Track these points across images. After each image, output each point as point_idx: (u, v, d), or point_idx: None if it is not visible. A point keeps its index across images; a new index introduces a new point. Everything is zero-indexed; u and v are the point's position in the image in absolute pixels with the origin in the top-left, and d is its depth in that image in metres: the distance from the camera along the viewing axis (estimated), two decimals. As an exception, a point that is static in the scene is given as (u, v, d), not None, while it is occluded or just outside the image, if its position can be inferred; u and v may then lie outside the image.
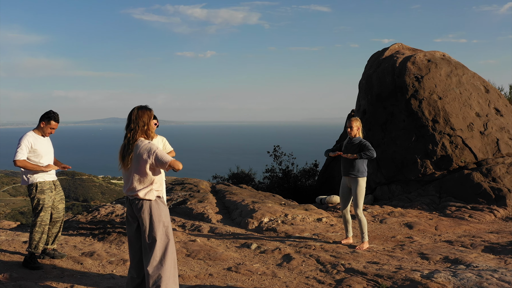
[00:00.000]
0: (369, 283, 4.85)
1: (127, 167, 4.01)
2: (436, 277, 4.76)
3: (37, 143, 5.43)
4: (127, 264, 5.74)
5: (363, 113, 13.38)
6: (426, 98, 11.91)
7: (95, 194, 67.49)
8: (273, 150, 17.29)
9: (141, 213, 4.00)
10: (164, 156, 3.93)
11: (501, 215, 9.13)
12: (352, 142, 6.56)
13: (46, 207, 5.48)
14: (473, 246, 6.50)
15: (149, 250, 4.01)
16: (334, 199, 10.51)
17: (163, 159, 3.92)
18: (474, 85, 12.65)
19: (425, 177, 11.20)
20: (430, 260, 5.78)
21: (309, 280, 5.05)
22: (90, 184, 71.36)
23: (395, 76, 12.70)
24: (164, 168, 3.96)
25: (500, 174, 10.34)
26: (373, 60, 14.47)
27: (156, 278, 3.94)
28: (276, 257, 6.08)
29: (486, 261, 5.60)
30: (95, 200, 63.13)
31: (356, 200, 6.46)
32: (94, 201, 62.15)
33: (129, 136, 4.01)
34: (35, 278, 5.05)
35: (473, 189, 10.13)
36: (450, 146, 11.20)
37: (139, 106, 4.11)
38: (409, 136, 11.72)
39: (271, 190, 15.67)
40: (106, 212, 9.04)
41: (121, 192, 64.16)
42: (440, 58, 13.05)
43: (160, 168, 3.97)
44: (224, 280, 5.12)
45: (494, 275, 4.74)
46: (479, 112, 12.01)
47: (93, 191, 69.28)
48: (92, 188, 70.24)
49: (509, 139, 11.59)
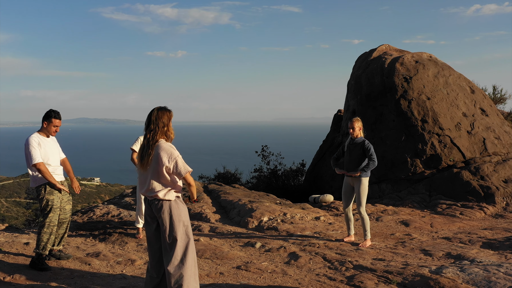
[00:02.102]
0: (380, 279, 4.96)
1: (146, 167, 4.02)
2: (445, 272, 4.90)
3: (44, 144, 5.40)
4: (135, 264, 5.73)
5: (352, 113, 13.56)
6: (415, 98, 12.16)
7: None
8: (261, 150, 17.35)
9: (161, 213, 4.02)
10: (183, 167, 3.95)
11: (490, 212, 9.39)
12: (355, 143, 6.67)
13: (55, 208, 5.44)
14: (471, 243, 6.69)
15: (170, 249, 4.02)
16: (327, 198, 10.63)
17: (181, 170, 3.95)
18: (460, 86, 12.97)
19: (415, 176, 11.42)
20: (434, 256, 5.93)
21: (320, 277, 5.14)
22: (60, 186, 69.76)
23: (384, 76, 12.92)
24: (179, 178, 4.00)
25: (488, 173, 10.63)
26: (361, 61, 14.68)
27: (178, 277, 3.96)
28: (282, 255, 6.15)
29: (487, 256, 5.78)
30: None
31: (359, 199, 6.57)
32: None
33: (148, 137, 4.03)
34: (46, 279, 5.01)
35: (462, 187, 10.39)
36: (439, 145, 11.46)
37: (158, 107, 4.12)
38: (399, 135, 11.94)
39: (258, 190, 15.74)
40: (101, 212, 8.98)
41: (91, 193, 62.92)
42: (427, 59, 13.33)
43: (175, 176, 3.99)
44: (236, 278, 5.16)
45: (500, 269, 4.90)
46: (466, 112, 12.31)
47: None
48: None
49: (495, 138, 11.92)
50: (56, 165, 5.51)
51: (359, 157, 6.58)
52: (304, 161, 17.99)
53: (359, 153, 6.57)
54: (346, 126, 14.02)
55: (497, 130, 12.21)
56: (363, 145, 6.57)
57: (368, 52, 14.97)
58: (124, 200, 10.54)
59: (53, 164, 5.46)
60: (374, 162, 6.46)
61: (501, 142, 11.89)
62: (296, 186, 17.22)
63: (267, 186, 16.65)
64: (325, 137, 17.50)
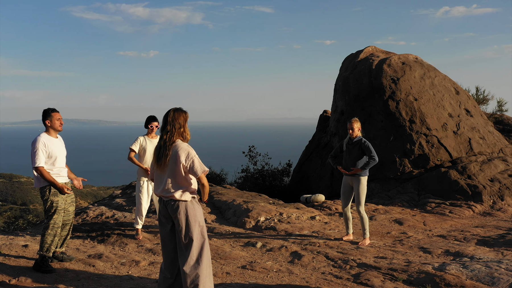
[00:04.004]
0: (386, 276, 5.06)
1: (163, 168, 4.04)
2: (449, 269, 5.03)
3: (51, 145, 5.34)
4: (140, 265, 5.72)
5: (340, 114, 13.73)
6: (403, 99, 12.38)
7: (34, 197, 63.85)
8: (248, 150, 17.40)
9: (177, 214, 4.03)
10: (200, 167, 3.98)
11: (479, 211, 9.64)
12: (354, 143, 6.79)
13: (60, 209, 5.38)
14: (466, 240, 6.87)
15: (186, 250, 4.04)
16: (319, 198, 10.75)
17: (197, 170, 3.98)
18: (446, 87, 13.26)
19: (403, 175, 11.64)
20: (433, 253, 6.08)
21: (326, 276, 5.22)
22: (28, 187, 67.55)
23: (372, 78, 13.11)
24: (195, 177, 4.03)
25: (474, 172, 10.90)
26: (348, 63, 14.87)
27: (194, 277, 3.98)
28: (284, 254, 6.22)
29: (485, 253, 5.95)
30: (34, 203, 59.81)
31: (358, 198, 6.69)
32: (33, 204, 59.08)
33: (165, 138, 4.04)
34: (52, 282, 4.96)
35: (450, 186, 10.64)
36: (426, 145, 11.70)
37: (175, 108, 4.14)
38: (387, 136, 12.15)
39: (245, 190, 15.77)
40: (94, 214, 8.90)
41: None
42: (413, 61, 13.58)
43: (191, 175, 4.02)
44: (243, 278, 5.20)
45: (501, 266, 5.06)
46: (452, 112, 12.59)
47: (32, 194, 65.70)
48: (31, 191, 66.70)
49: (479, 138, 12.23)
50: (61, 166, 5.46)
51: (358, 156, 6.71)
52: (290, 162, 18.12)
53: (358, 152, 6.71)
54: (334, 127, 14.18)
55: (482, 130, 12.53)
56: (361, 144, 6.71)
57: (354, 53, 15.17)
58: (115, 201, 10.44)
59: (59, 165, 5.41)
60: (375, 160, 6.60)
61: (486, 142, 12.20)
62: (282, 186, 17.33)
63: (254, 186, 16.71)
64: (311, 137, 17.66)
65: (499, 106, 15.69)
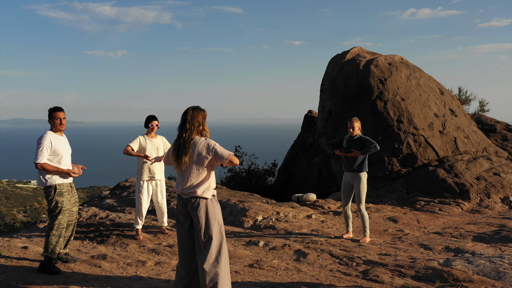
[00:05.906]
0: (394, 272, 5.16)
1: (183, 166, 4.04)
2: (454, 264, 5.16)
3: (57, 142, 5.27)
4: (147, 265, 5.68)
5: (328, 114, 13.86)
6: (390, 99, 12.59)
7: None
8: (234, 150, 17.41)
9: (198, 211, 4.04)
10: (224, 151, 4.01)
11: (467, 208, 9.88)
12: (354, 140, 6.90)
13: (64, 209, 5.31)
14: (462, 237, 7.05)
15: (204, 248, 4.05)
16: (310, 197, 10.83)
17: (223, 154, 4.00)
18: (431, 87, 13.53)
19: (392, 174, 11.84)
20: (434, 250, 6.22)
21: (334, 273, 5.28)
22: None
23: (359, 78, 13.28)
24: (224, 162, 4.02)
25: (461, 170, 11.17)
26: (334, 63, 15.01)
27: (213, 275, 3.99)
28: (288, 253, 6.26)
29: (484, 249, 6.12)
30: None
31: (359, 196, 6.79)
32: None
33: (184, 136, 4.05)
34: (60, 283, 4.89)
35: (439, 185, 10.87)
36: (414, 144, 11.92)
37: (193, 106, 4.15)
38: (375, 135, 12.32)
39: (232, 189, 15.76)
40: (87, 215, 8.78)
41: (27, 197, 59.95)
42: (399, 61, 13.82)
43: (220, 162, 4.03)
44: (253, 276, 5.22)
45: (504, 261, 5.22)
46: (437, 112, 12.86)
47: None
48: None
49: (464, 137, 12.52)
50: (67, 164, 5.38)
51: None
52: (276, 161, 18.20)
53: (359, 148, 6.81)
54: (322, 126, 14.29)
55: (466, 130, 12.84)
56: (361, 140, 6.84)
57: (341, 54, 15.33)
58: (106, 202, 10.31)
59: (65, 163, 5.33)
60: (376, 147, 6.69)
61: (470, 141, 12.51)
62: (268, 186, 17.39)
63: (240, 186, 16.73)
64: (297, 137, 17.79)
65: (481, 107, 16.08)
